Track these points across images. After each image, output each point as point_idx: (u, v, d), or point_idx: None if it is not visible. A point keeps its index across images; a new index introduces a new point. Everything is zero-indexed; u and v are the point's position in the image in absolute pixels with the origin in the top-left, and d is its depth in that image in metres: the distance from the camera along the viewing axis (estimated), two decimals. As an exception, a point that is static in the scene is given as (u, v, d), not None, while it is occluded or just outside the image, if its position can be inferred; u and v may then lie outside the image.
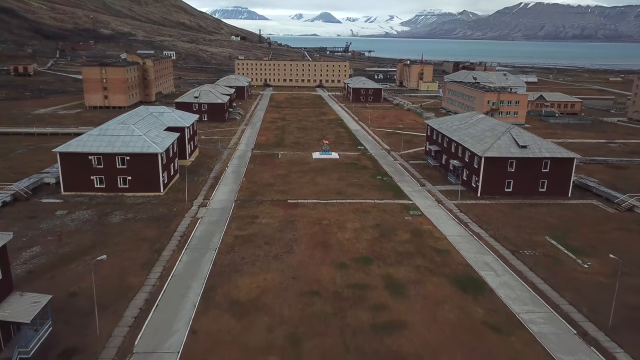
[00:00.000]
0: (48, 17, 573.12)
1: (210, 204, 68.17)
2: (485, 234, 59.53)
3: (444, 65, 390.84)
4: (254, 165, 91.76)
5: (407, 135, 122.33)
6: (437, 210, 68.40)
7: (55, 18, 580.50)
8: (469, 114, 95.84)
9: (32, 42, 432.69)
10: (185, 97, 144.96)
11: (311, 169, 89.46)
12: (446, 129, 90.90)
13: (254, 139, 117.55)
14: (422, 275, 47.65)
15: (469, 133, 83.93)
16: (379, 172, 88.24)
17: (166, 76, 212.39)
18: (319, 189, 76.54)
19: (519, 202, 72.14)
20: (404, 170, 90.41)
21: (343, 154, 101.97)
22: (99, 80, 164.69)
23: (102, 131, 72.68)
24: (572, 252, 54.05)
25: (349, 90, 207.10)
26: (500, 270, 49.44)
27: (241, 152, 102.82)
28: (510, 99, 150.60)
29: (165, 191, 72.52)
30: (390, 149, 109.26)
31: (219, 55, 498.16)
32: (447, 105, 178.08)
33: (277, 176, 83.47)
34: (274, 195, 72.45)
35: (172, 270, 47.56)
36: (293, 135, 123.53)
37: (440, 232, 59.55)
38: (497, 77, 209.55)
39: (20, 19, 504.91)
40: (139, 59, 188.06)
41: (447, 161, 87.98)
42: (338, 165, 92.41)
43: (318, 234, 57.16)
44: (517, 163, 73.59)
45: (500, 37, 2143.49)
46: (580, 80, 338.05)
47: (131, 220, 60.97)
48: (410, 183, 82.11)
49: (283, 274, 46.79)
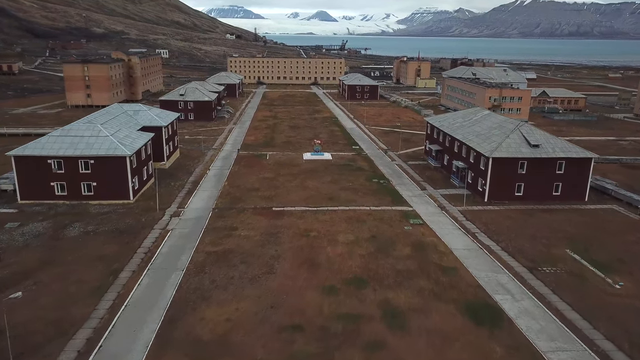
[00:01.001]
0: (39, 15, 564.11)
1: (185, 213, 60.34)
2: (497, 246, 51.92)
3: (442, 63, 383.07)
4: (239, 167, 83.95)
5: (405, 134, 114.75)
6: (441, 218, 60.79)
7: (47, 17, 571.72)
8: (473, 110, 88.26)
9: (22, 41, 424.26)
10: (171, 95, 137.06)
11: (301, 171, 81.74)
12: (448, 127, 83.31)
13: (242, 139, 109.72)
14: (427, 300, 40.01)
15: (473, 131, 76.33)
16: (375, 175, 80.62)
17: (154, 74, 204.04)
18: (309, 194, 68.82)
19: (531, 207, 64.60)
20: (402, 172, 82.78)
21: (336, 155, 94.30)
22: (81, 78, 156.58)
23: (65, 132, 64.74)
24: (599, 268, 46.52)
25: (344, 88, 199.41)
26: (517, 293, 41.83)
27: (226, 153, 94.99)
28: (512, 95, 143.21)
29: (135, 198, 64.66)
30: (387, 148, 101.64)
31: (213, 53, 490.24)
32: (446, 102, 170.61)
33: (263, 180, 75.68)
34: (257, 202, 64.66)
35: (127, 297, 39.74)
36: (284, 135, 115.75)
37: (446, 245, 51.92)
38: (497, 73, 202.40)
39: (11, 17, 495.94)
40: (124, 55, 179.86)
41: (449, 162, 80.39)
42: (331, 167, 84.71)
43: (305, 249, 49.42)
44: (528, 164, 66.03)
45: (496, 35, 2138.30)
46: (579, 77, 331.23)
47: (91, 233, 53.12)
48: (410, 186, 74.48)
49: (259, 302, 39.05)
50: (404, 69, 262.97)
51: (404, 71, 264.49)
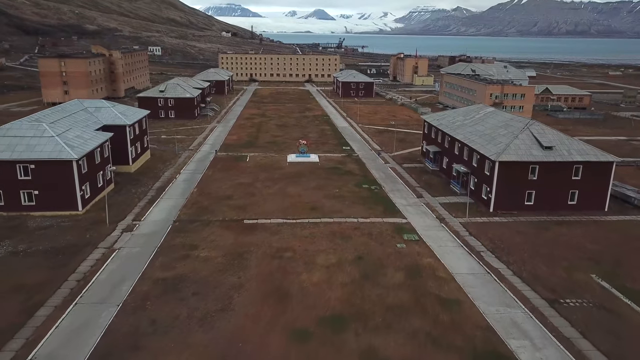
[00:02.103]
0: (31, 12, 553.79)
1: (140, 227, 51.38)
2: (507, 270, 43.17)
3: (439, 60, 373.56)
4: (214, 171, 74.95)
5: (400, 133, 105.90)
6: (440, 232, 52.00)
7: (39, 14, 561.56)
8: (475, 107, 79.37)
9: (11, 38, 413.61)
10: (150, 92, 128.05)
11: (283, 175, 72.84)
12: (447, 126, 74.48)
13: (223, 139, 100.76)
14: (423, 350, 31.21)
15: (476, 131, 67.54)
16: (366, 179, 71.78)
17: (140, 70, 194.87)
18: (289, 203, 59.93)
19: (544, 219, 55.91)
20: (396, 177, 73.94)
21: (324, 156, 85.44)
22: (57, 73, 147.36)
23: (3, 131, 55.70)
24: (635, 301, 37.85)
25: (338, 85, 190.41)
26: (538, 337, 33.08)
27: (203, 155, 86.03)
28: (515, 92, 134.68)
29: (85, 209, 55.68)
30: (380, 149, 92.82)
31: (208, 51, 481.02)
32: (445, 100, 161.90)
33: (239, 186, 66.73)
34: (227, 213, 55.74)
35: (35, 346, 30.83)
36: (269, 134, 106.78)
37: (446, 268, 43.13)
38: (498, 69, 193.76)
39: (1, 14, 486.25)
40: (105, 50, 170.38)
41: (449, 165, 71.59)
42: (317, 171, 75.82)
43: (274, 276, 40.57)
44: (540, 169, 57.33)
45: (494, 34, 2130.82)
46: (579, 75, 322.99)
47: (21, 254, 44.17)
48: (405, 193, 65.67)
49: (206, 355, 30.20)
50: (401, 66, 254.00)
51: (401, 68, 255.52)
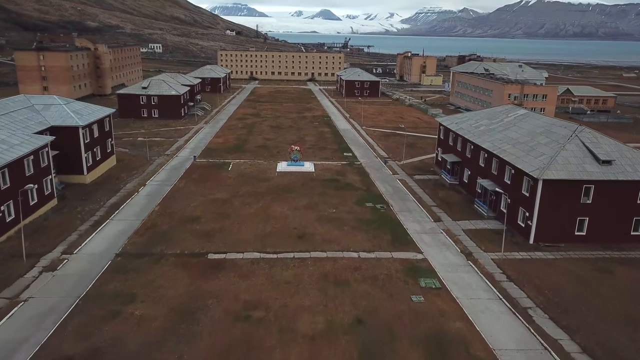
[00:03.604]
0: (32, 8, 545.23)
1: (67, 265, 38.62)
2: (571, 342, 30.15)
3: (447, 60, 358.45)
4: (186, 182, 62.18)
5: (409, 138, 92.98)
6: (468, 275, 39.02)
7: (40, 10, 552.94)
8: (503, 109, 66.12)
9: (9, 34, 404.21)
10: (131, 89, 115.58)
11: (269, 189, 60.02)
12: (470, 131, 61.43)
13: (207, 142, 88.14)
14: None
15: (508, 138, 54.49)
16: (370, 195, 58.85)
17: (131, 66, 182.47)
18: (271, 228, 47.03)
19: (601, 255, 42.86)
20: (407, 192, 60.98)
21: (321, 165, 72.55)
22: (35, 67, 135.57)
23: None
24: None
25: (341, 84, 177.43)
26: None
27: (179, 161, 73.35)
28: (536, 93, 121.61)
29: (6, 236, 43.01)
30: (387, 156, 79.87)
31: (210, 49, 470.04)
32: (456, 101, 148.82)
33: (212, 203, 53.92)
34: (188, 243, 42.90)
35: None
36: (261, 137, 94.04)
37: (483, 339, 30.15)
38: (512, 69, 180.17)
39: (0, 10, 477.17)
40: (90, 44, 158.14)
41: (471, 179, 58.57)
42: (311, 183, 62.92)
43: (233, 354, 27.73)
44: (596, 189, 44.31)
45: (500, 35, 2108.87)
46: (591, 77, 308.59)
47: None
48: (418, 215, 52.70)
49: None
50: (408, 65, 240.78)
51: (408, 67, 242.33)
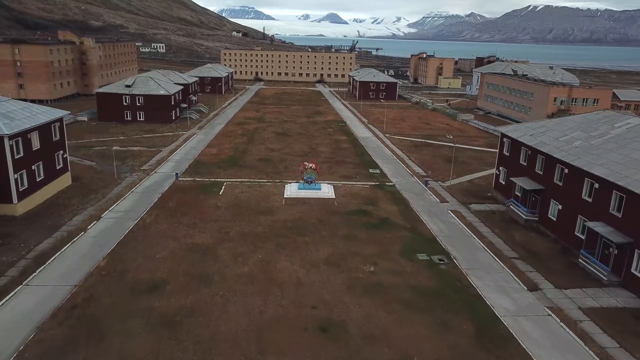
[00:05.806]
0: (36, 7, 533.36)
1: None
2: None
3: (460, 64, 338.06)
4: (157, 214, 44.58)
5: (444, 149, 75.34)
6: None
7: (44, 9, 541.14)
8: (598, 117, 48.27)
9: (9, 32, 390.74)
10: (113, 87, 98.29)
11: (273, 228, 42.39)
12: (559, 147, 43.68)
13: (197, 153, 70.80)
14: None
15: (628, 159, 36.81)
16: (419, 238, 41.16)
17: (124, 64, 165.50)
18: (274, 308, 29.49)
19: None
20: (470, 233, 43.16)
21: (343, 187, 55.00)
22: (10, 62, 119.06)
23: None
24: None
25: (354, 85, 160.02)
26: None
27: (156, 180, 55.97)
28: (587, 97, 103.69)
29: None
30: (425, 174, 62.24)
31: (215, 49, 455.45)
32: (486, 105, 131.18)
33: (187, 253, 36.35)
34: (131, 345, 25.49)
35: None
36: (264, 147, 76.69)
37: None
38: (542, 70, 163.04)
39: (2, 7, 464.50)
40: (75, 37, 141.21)
41: (565, 217, 40.76)
42: (332, 217, 45.27)
43: None
44: None
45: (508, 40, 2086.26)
46: (609, 82, 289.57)
47: None
48: (500, 277, 34.89)
49: None
50: (424, 67, 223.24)
51: (423, 69, 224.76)
